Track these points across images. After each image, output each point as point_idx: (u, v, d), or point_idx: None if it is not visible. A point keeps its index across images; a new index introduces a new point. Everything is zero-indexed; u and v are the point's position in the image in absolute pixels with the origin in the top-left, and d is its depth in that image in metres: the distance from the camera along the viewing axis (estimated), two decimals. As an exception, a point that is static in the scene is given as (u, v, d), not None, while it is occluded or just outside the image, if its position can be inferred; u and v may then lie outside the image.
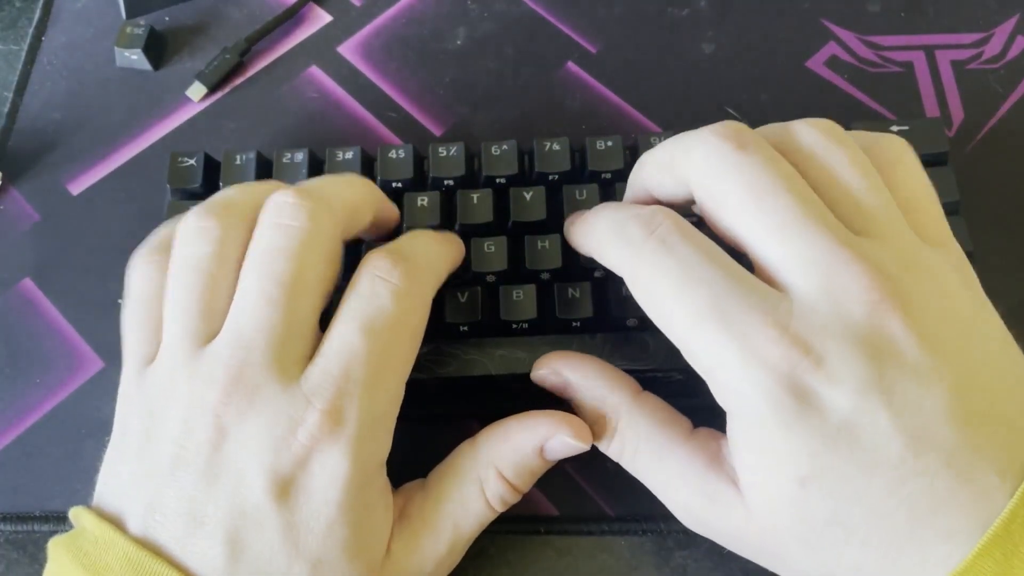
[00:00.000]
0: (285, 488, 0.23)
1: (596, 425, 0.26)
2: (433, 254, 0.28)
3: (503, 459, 0.26)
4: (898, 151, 0.25)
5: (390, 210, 0.30)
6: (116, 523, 0.23)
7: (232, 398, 0.23)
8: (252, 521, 0.23)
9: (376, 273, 0.25)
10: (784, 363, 0.21)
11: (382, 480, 0.25)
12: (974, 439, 0.20)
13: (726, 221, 0.23)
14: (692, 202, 0.25)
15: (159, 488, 0.23)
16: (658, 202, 0.27)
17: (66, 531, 0.31)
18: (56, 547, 0.24)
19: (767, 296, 0.22)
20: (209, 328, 0.24)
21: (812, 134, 0.24)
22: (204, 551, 0.22)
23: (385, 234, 0.31)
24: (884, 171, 0.24)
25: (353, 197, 0.27)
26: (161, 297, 0.25)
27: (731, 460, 0.23)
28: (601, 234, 0.26)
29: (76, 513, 0.24)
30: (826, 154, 0.24)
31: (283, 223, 0.25)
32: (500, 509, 0.26)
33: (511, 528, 0.29)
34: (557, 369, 0.27)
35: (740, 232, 0.23)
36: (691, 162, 0.24)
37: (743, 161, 0.23)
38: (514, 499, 0.26)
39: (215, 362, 0.23)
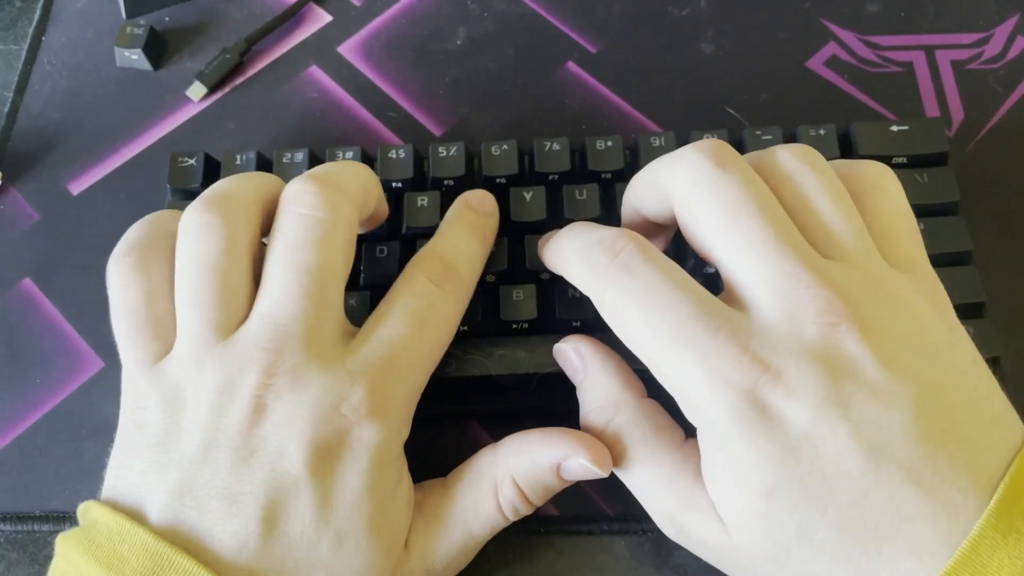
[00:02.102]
0: (324, 460, 0.23)
1: (596, 413, 0.27)
2: (474, 253, 0.29)
3: (520, 469, 0.26)
4: (876, 177, 0.26)
5: (384, 205, 0.30)
6: (133, 514, 0.23)
7: (273, 379, 0.24)
8: (289, 494, 0.23)
9: (430, 277, 0.27)
10: (745, 380, 0.22)
11: (402, 460, 0.26)
12: (934, 456, 0.21)
13: (700, 237, 0.24)
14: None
15: (189, 471, 0.23)
16: (649, 223, 0.27)
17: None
18: (65, 542, 0.23)
19: (729, 317, 0.23)
20: (228, 319, 0.25)
21: (789, 158, 0.25)
22: (236, 530, 0.23)
23: (375, 226, 0.31)
24: (861, 196, 0.25)
25: (362, 183, 0.28)
26: (153, 297, 0.25)
27: (704, 476, 0.24)
28: (568, 258, 0.26)
29: (85, 508, 0.24)
30: (801, 178, 0.25)
31: (305, 213, 0.25)
32: (512, 518, 0.26)
33: (511, 527, 0.29)
34: (581, 350, 0.28)
35: (712, 248, 0.24)
36: (672, 178, 0.25)
37: (720, 179, 0.24)
38: (526, 510, 0.26)
39: (251, 346, 0.24)
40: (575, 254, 0.26)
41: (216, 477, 0.23)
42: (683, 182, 0.24)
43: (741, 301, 0.23)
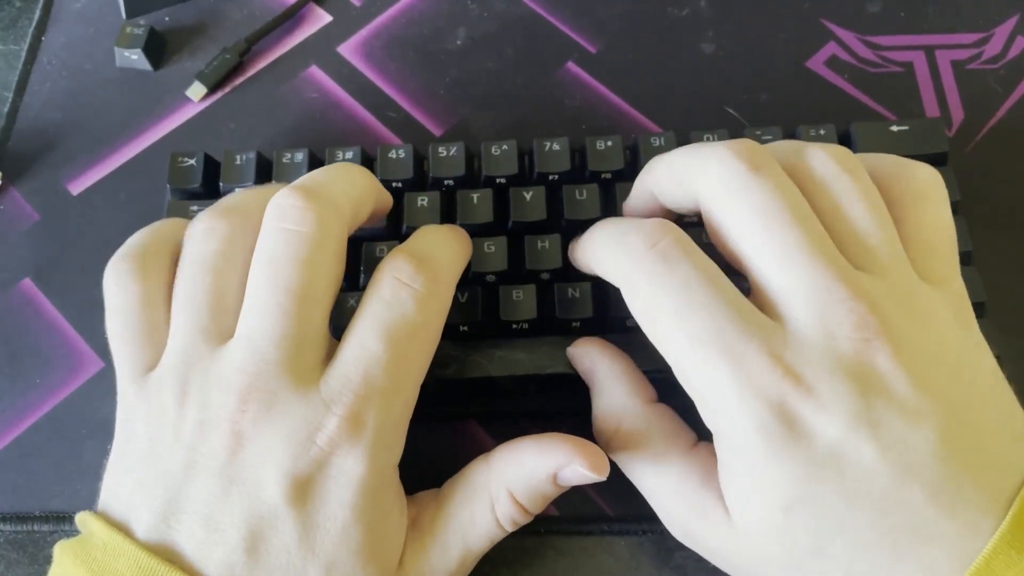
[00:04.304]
0: (302, 492, 0.23)
1: (604, 419, 0.26)
2: (451, 254, 0.27)
3: (516, 481, 0.25)
4: (925, 186, 0.25)
5: (387, 199, 0.29)
6: (124, 529, 0.23)
7: (248, 405, 0.23)
8: (269, 524, 0.23)
9: (398, 277, 0.25)
10: (776, 391, 0.21)
11: (396, 484, 0.25)
12: (958, 476, 0.21)
13: (731, 241, 0.24)
14: (696, 213, 0.25)
15: (172, 494, 0.23)
16: (662, 208, 0.27)
17: (67, 532, 0.31)
18: (63, 552, 0.23)
19: (763, 326, 0.22)
20: (219, 327, 0.24)
21: (825, 162, 0.24)
22: (221, 556, 0.22)
23: (379, 222, 0.31)
24: (906, 202, 0.25)
25: (355, 192, 0.27)
26: (148, 303, 0.25)
27: (720, 483, 0.24)
28: (600, 244, 0.26)
29: (83, 519, 0.24)
30: (836, 184, 0.24)
31: (289, 228, 0.24)
32: (510, 529, 0.26)
33: (511, 528, 0.29)
34: (591, 353, 0.27)
35: (743, 254, 0.23)
36: (703, 176, 0.24)
37: (755, 183, 0.23)
38: (525, 520, 0.26)
39: (229, 368, 0.23)
40: (608, 242, 0.25)
41: (198, 502, 0.23)
42: (715, 182, 0.24)
43: (772, 309, 0.23)
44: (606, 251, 0.25)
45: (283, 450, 0.23)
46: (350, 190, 0.27)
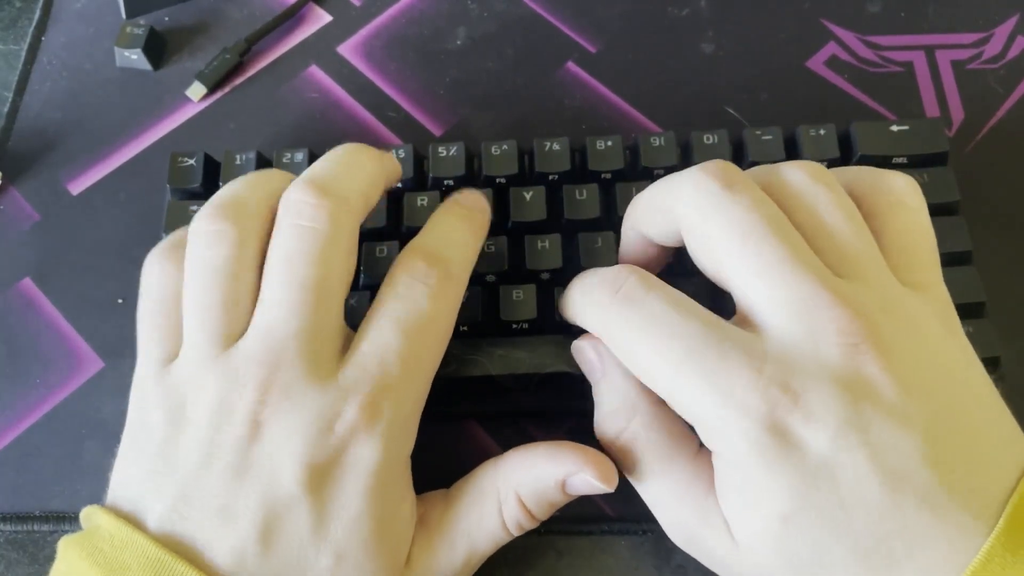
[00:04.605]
0: (319, 479, 0.23)
1: (611, 417, 0.26)
2: (462, 247, 0.28)
3: (524, 485, 0.25)
4: (899, 193, 0.25)
5: (395, 172, 0.30)
6: (134, 521, 0.23)
7: (268, 396, 0.23)
8: (285, 511, 0.23)
9: (412, 275, 0.26)
10: (763, 405, 0.21)
11: (407, 479, 0.26)
12: (948, 480, 0.21)
13: (711, 259, 0.24)
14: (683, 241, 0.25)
15: (187, 484, 0.23)
16: (653, 246, 0.27)
17: (67, 531, 0.31)
18: (68, 546, 0.23)
19: (740, 340, 0.22)
20: (232, 329, 0.25)
21: (798, 176, 0.25)
22: (235, 544, 0.23)
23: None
24: (884, 211, 0.25)
25: (366, 181, 0.27)
26: (179, 297, 0.26)
27: (718, 497, 0.24)
28: (576, 304, 0.26)
29: (89, 512, 0.24)
30: (810, 196, 0.24)
31: (304, 225, 0.25)
32: (516, 533, 0.26)
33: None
34: (600, 349, 0.27)
35: (724, 271, 0.24)
36: (679, 200, 0.24)
37: (730, 201, 0.23)
38: (531, 525, 0.26)
39: (247, 361, 0.24)
40: (580, 298, 0.26)
41: (213, 492, 0.23)
42: (690, 205, 0.24)
43: (756, 324, 0.23)
44: (580, 307, 0.26)
45: (301, 439, 0.23)
46: (361, 179, 0.27)
